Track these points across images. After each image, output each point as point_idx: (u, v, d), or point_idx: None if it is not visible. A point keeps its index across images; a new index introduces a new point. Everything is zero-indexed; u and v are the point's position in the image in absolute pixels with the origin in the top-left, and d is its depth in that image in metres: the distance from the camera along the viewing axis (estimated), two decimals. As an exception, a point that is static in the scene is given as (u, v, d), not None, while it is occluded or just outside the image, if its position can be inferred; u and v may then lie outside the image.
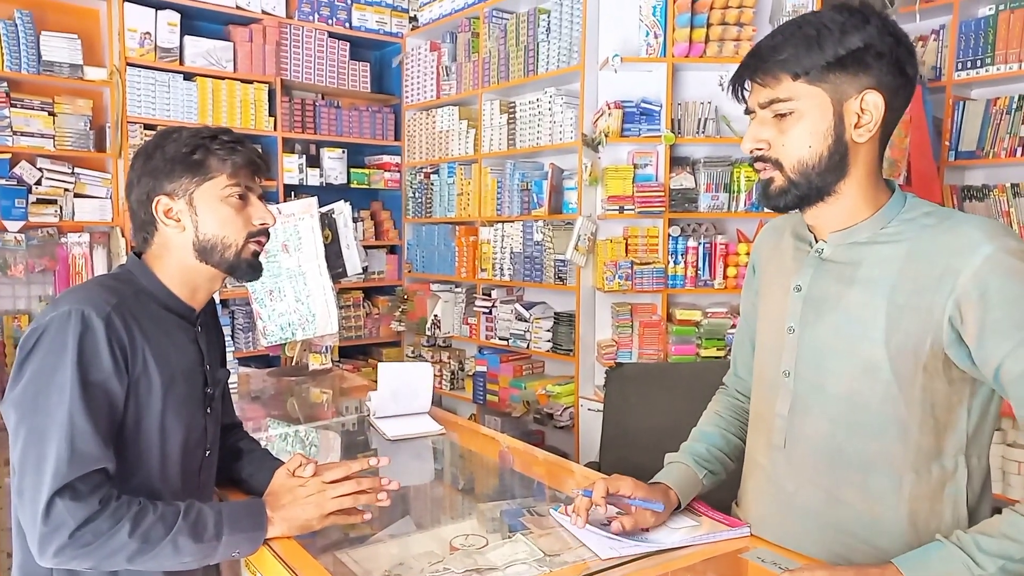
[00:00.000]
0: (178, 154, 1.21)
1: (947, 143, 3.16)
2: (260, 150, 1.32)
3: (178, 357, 1.21)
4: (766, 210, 3.11)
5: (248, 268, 1.28)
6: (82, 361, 1.07)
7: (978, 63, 3.06)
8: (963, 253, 0.97)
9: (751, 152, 1.08)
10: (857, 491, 1.06)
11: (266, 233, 1.30)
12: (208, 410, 1.29)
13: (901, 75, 1.02)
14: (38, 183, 3.38)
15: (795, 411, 1.12)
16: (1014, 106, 2.98)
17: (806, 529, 1.11)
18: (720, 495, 1.33)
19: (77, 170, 3.48)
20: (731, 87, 1.09)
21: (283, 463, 1.34)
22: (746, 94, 1.08)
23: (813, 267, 1.10)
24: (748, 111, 1.09)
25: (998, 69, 3.00)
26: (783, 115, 1.03)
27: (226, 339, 2.20)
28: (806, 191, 1.05)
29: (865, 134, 1.03)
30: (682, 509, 1.25)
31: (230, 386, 2.18)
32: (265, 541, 1.17)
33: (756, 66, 1.04)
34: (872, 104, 1.01)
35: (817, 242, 1.11)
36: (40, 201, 3.38)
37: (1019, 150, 2.96)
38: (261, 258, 1.31)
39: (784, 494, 1.14)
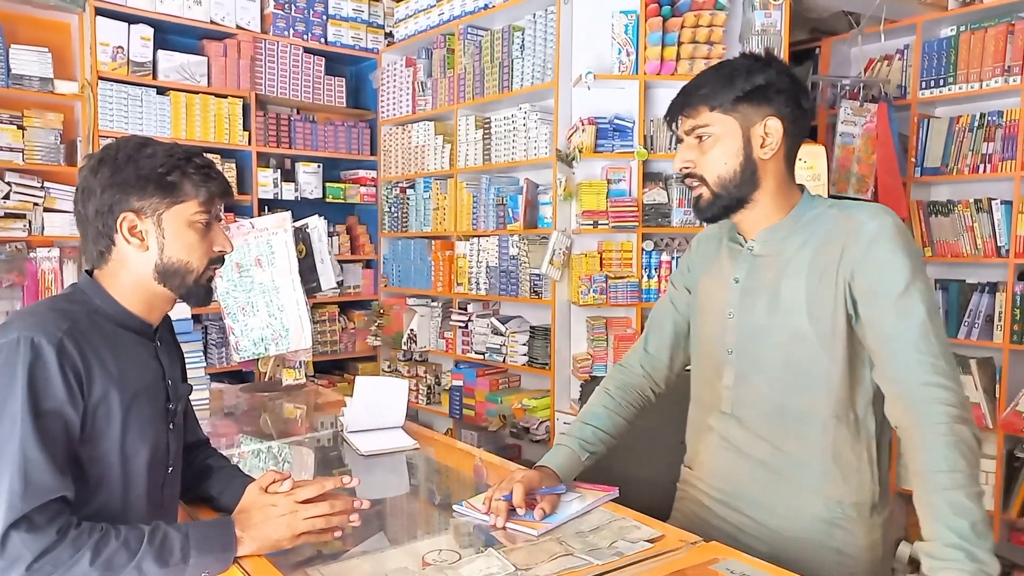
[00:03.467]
0: (153, 172, 1.17)
1: (913, 159, 3.23)
2: (224, 173, 1.32)
3: (138, 375, 1.19)
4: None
5: (205, 294, 1.28)
6: (33, 390, 1.04)
7: (941, 82, 3.15)
8: (855, 231, 1.22)
9: (680, 170, 1.33)
10: (794, 439, 1.29)
11: (222, 260, 1.29)
12: (171, 426, 1.27)
13: (798, 107, 1.28)
14: (6, 197, 3.33)
15: (739, 381, 1.34)
16: (976, 124, 3.06)
17: (754, 476, 1.34)
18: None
19: (47, 184, 3.44)
20: (666, 121, 1.35)
21: (253, 479, 1.32)
22: (676, 127, 1.34)
23: (748, 262, 1.34)
24: (678, 140, 1.34)
25: (960, 88, 3.09)
26: (703, 139, 1.29)
27: (199, 354, 2.20)
28: (727, 201, 1.30)
29: (768, 152, 1.27)
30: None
31: (200, 402, 2.17)
32: (235, 559, 1.16)
33: (683, 102, 1.30)
34: (773, 128, 1.27)
35: (747, 242, 1.35)
36: (8, 215, 3.33)
37: (981, 166, 3.04)
38: (215, 283, 1.31)
39: (735, 450, 1.36)
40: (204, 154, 1.25)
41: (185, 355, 1.44)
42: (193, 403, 2.12)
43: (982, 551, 1.00)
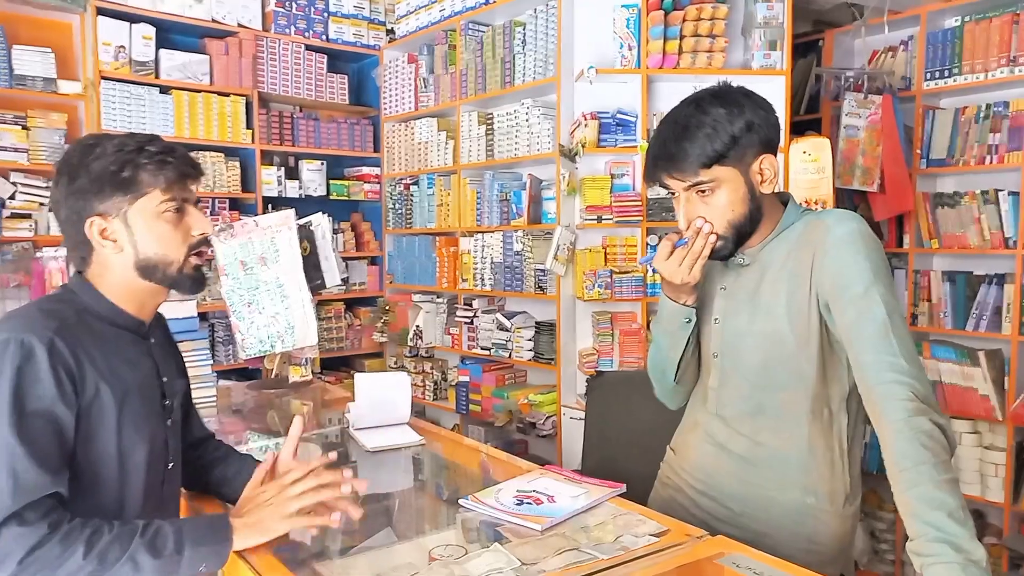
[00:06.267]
0: (105, 172, 1.15)
1: (918, 151, 3.22)
2: (189, 153, 1.25)
3: (131, 372, 1.19)
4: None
5: (191, 283, 1.25)
6: (20, 390, 1.05)
7: (946, 73, 3.13)
8: (822, 237, 1.27)
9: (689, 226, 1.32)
10: (772, 434, 1.36)
11: (207, 242, 1.27)
12: (169, 422, 1.28)
13: (776, 129, 1.31)
14: (12, 197, 3.34)
15: (723, 383, 1.41)
16: (981, 115, 3.04)
17: (733, 468, 1.40)
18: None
19: (52, 184, 3.44)
20: (648, 181, 1.36)
21: (256, 460, 1.36)
22: (662, 179, 1.33)
23: (735, 272, 1.40)
24: (669, 190, 1.34)
25: (965, 79, 3.07)
26: (705, 192, 1.28)
27: (206, 352, 2.20)
28: (737, 240, 1.33)
29: (769, 187, 1.31)
30: (566, 481, 1.47)
31: (207, 400, 2.18)
32: (240, 554, 1.16)
33: (671, 167, 1.29)
34: (768, 165, 1.30)
35: (737, 255, 1.38)
36: (14, 215, 3.34)
37: (988, 158, 3.02)
38: (205, 269, 1.28)
39: (717, 444, 1.43)
40: (161, 138, 1.21)
41: (192, 353, 1.45)
42: (201, 400, 2.16)
43: (964, 540, 0.99)
